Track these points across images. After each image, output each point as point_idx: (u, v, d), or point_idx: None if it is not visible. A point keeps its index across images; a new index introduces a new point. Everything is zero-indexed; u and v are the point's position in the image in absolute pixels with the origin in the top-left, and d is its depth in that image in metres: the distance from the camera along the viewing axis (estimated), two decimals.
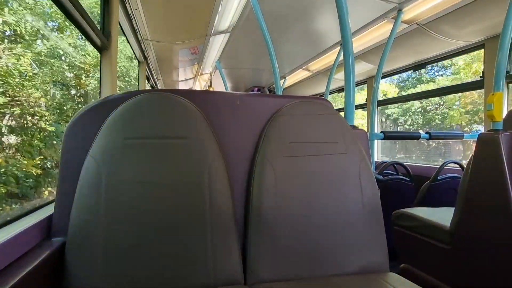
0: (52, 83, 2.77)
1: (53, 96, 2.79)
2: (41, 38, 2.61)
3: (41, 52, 2.59)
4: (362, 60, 3.25)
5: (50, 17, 2.85)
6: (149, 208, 0.89)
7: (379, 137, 2.04)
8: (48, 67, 2.69)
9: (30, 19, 2.34)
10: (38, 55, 2.54)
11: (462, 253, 1.37)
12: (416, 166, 2.85)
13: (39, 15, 2.61)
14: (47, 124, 2.52)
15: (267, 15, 2.45)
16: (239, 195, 1.05)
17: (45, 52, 2.64)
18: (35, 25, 2.45)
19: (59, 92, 2.91)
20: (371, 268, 1.02)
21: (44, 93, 2.60)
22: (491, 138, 1.27)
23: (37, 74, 2.50)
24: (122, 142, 0.91)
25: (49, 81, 2.70)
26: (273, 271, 0.96)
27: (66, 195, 0.90)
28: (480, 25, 2.17)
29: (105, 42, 1.75)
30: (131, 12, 2.62)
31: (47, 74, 2.65)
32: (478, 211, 1.31)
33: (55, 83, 2.83)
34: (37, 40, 2.55)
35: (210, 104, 1.07)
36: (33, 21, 2.42)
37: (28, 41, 2.36)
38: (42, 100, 2.57)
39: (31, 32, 2.37)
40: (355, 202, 1.05)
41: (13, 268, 0.68)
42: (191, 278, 0.88)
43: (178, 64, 4.62)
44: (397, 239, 1.84)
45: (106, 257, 0.85)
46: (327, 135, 1.10)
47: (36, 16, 2.52)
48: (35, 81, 2.45)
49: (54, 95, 2.82)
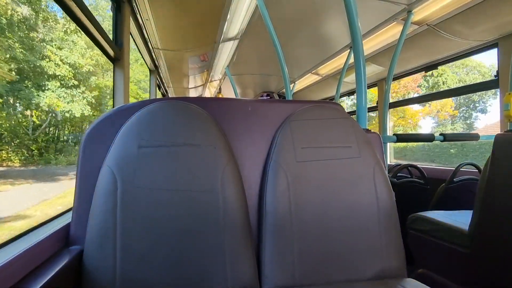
0: None
1: None
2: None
3: None
4: (372, 62, 3.23)
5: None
6: (164, 215, 0.90)
7: (392, 140, 2.01)
8: None
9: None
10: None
11: (482, 257, 1.33)
12: (430, 168, 2.79)
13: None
14: None
15: (276, 20, 2.47)
16: (253, 201, 1.05)
17: None
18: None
19: None
20: (388, 274, 1.00)
21: None
22: (508, 138, 1.24)
23: None
24: (137, 151, 0.93)
25: None
26: (288, 276, 0.95)
27: (83, 203, 0.92)
28: (493, 23, 2.13)
29: (118, 53, 1.79)
30: (142, 22, 2.67)
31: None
32: (498, 213, 1.28)
33: None
34: None
35: (222, 111, 1.08)
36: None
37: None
38: None
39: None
40: (370, 206, 1.03)
41: (33, 277, 0.70)
42: (207, 284, 0.88)
43: (188, 71, 4.68)
44: (413, 243, 1.80)
45: (122, 264, 0.86)
46: (340, 139, 1.09)
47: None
48: None
49: None
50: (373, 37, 2.79)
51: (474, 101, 15.13)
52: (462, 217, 1.57)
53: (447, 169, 2.70)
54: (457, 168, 2.23)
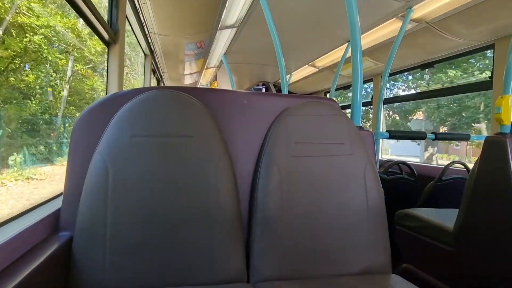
0: None
1: None
2: None
3: None
4: (368, 57, 3.23)
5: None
6: (154, 205, 0.90)
7: (385, 136, 2.03)
8: None
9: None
10: None
11: (465, 255, 1.37)
12: (420, 165, 2.84)
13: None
14: None
15: (275, 10, 2.44)
16: (245, 194, 1.06)
17: None
18: None
19: None
20: (373, 269, 1.02)
21: None
22: (498, 141, 1.26)
23: None
24: (129, 140, 0.92)
25: None
26: (277, 270, 0.97)
27: (73, 190, 0.91)
28: (491, 25, 2.14)
29: (113, 36, 1.76)
30: (139, 5, 2.61)
31: None
32: (483, 213, 1.31)
33: None
34: None
35: (217, 103, 1.08)
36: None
37: None
38: None
39: None
40: (359, 204, 1.05)
41: (22, 262, 0.70)
42: (195, 275, 0.90)
43: (184, 57, 4.61)
44: (400, 239, 1.84)
45: (112, 252, 0.86)
46: (334, 136, 1.10)
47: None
48: None
49: None
50: (371, 32, 2.78)
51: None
52: (448, 215, 1.61)
53: (437, 167, 2.74)
54: (446, 166, 2.26)
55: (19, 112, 2.73)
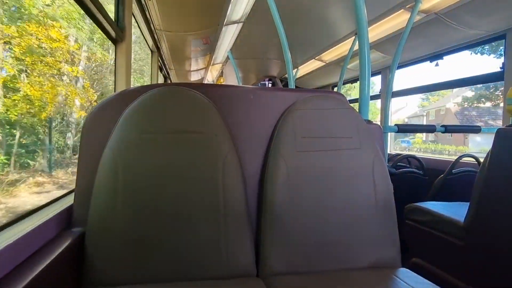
0: None
1: None
2: None
3: None
4: (376, 50, 3.18)
5: None
6: (164, 201, 0.91)
7: (393, 130, 2.01)
8: None
9: None
10: None
11: (476, 249, 1.36)
12: (429, 159, 2.80)
13: None
14: None
15: (281, 4, 2.42)
16: (252, 189, 1.06)
17: None
18: None
19: None
20: (382, 263, 1.02)
21: None
22: (510, 133, 1.24)
23: None
24: (139, 137, 0.93)
25: None
26: (285, 264, 0.97)
27: (85, 186, 0.93)
28: (502, 14, 2.08)
29: (120, 34, 1.76)
30: (145, 3, 2.62)
31: None
32: (494, 206, 1.29)
33: None
34: None
35: (224, 98, 1.08)
36: None
37: None
38: None
39: None
40: (368, 198, 1.04)
41: (36, 258, 0.71)
42: (205, 269, 0.91)
43: (190, 54, 4.62)
44: (409, 233, 1.83)
45: (123, 247, 0.88)
46: (341, 130, 1.09)
47: None
48: None
49: None
50: (378, 24, 2.74)
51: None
52: (459, 209, 1.59)
53: (446, 160, 2.71)
54: (456, 159, 2.23)
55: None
